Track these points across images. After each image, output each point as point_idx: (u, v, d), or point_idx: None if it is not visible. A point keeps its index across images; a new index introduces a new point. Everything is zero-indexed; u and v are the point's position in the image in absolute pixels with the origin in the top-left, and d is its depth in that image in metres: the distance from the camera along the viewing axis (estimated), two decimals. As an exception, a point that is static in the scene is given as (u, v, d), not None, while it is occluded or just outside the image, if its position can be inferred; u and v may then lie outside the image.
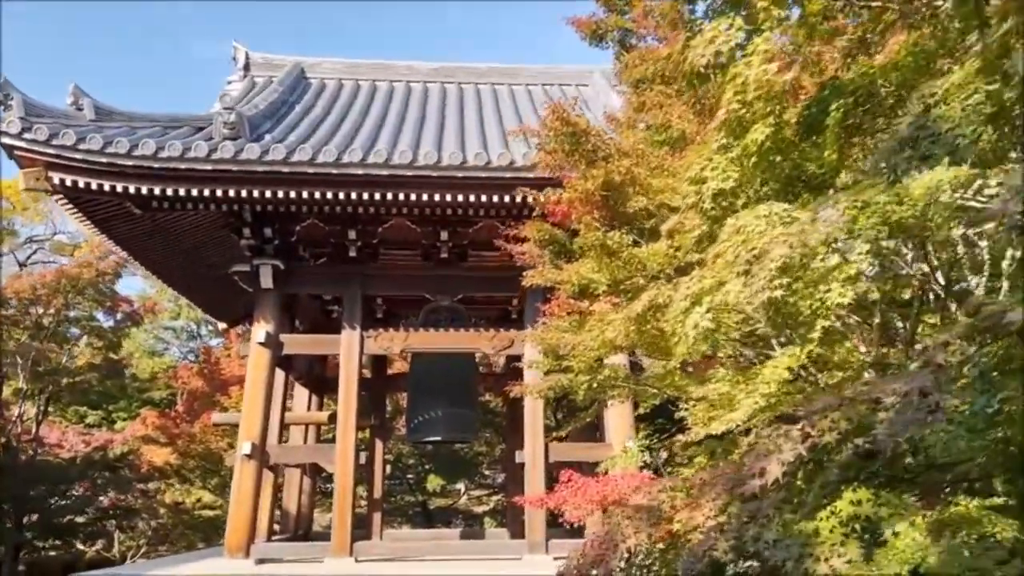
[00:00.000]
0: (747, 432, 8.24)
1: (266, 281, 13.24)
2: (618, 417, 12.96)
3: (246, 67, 16.45)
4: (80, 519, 22.18)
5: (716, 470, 4.29)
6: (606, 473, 10.21)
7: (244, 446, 12.61)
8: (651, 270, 6.83)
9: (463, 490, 30.96)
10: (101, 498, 24.69)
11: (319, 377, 17.61)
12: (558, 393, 8.39)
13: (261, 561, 12.43)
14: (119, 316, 24.72)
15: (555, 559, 12.56)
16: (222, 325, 19.90)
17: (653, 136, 6.64)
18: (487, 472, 30.60)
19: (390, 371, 20.26)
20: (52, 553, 24.98)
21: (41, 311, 20.79)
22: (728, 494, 3.56)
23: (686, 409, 7.06)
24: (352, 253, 13.61)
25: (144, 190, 11.27)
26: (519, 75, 16.89)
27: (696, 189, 4.72)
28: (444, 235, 13.47)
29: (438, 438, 15.30)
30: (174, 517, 27.17)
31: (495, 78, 16.93)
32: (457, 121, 14.54)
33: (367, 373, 18.06)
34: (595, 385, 8.15)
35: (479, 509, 30.50)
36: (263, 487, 13.67)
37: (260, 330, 13.15)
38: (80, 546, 27.35)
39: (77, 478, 20.46)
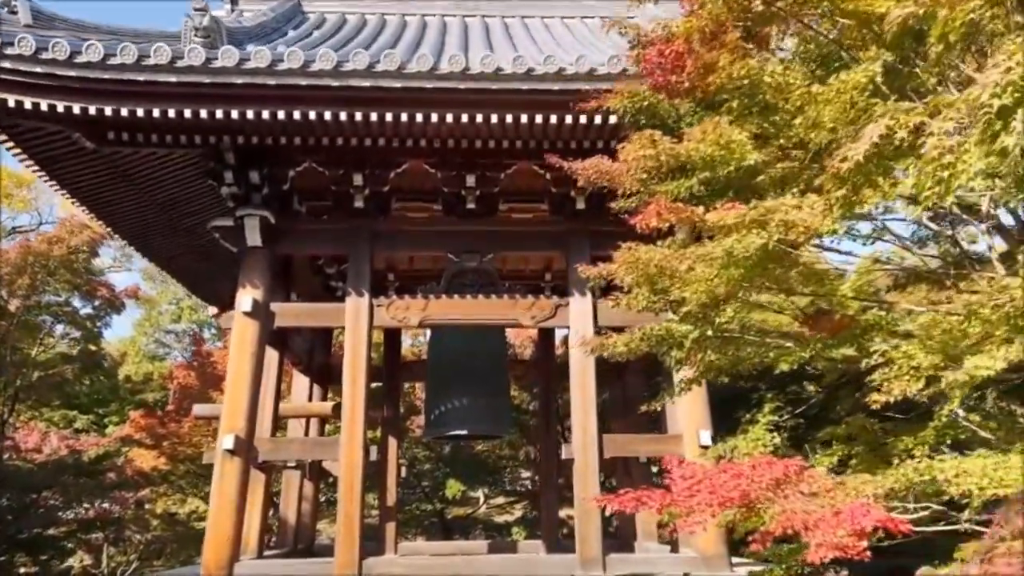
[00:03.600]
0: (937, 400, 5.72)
1: (253, 237, 10.80)
2: (691, 402, 10.44)
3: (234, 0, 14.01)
4: (54, 532, 19.60)
5: None
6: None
7: (226, 439, 10.14)
8: (821, 130, 4.30)
9: (483, 499, 28.37)
10: (87, 508, 22.34)
11: (322, 366, 15.13)
12: (653, 346, 5.86)
13: (248, 583, 9.97)
14: (97, 302, 22.20)
15: (615, 579, 10.05)
16: (212, 310, 17.35)
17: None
18: (507, 478, 28.01)
19: (404, 360, 17.82)
20: (34, 569, 22.60)
21: (5, 295, 18.33)
22: None
23: (883, 354, 4.54)
24: (359, 204, 11.15)
25: (92, 111, 8.85)
26: (555, 7, 14.39)
27: None
28: (471, 180, 10.98)
29: (463, 432, 12.76)
30: (168, 528, 24.75)
31: (525, 11, 14.44)
32: (484, 49, 12.04)
33: (377, 362, 15.58)
34: (709, 334, 5.63)
35: (500, 519, 27.88)
36: (252, 491, 11.18)
37: (246, 297, 10.69)
38: (71, 561, 25.01)
39: (45, 485, 17.92)
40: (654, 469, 14.49)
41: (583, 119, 8.97)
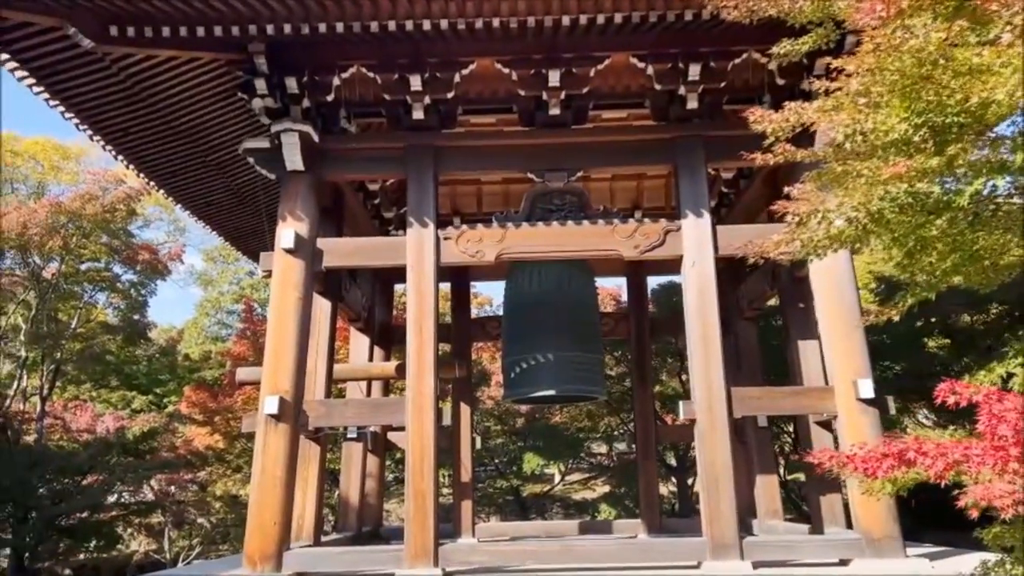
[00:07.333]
0: None
1: (293, 159, 8.91)
2: (843, 345, 8.26)
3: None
4: (103, 516, 18.22)
5: None
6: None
7: (268, 402, 8.32)
8: None
9: (558, 475, 26.38)
10: (148, 490, 21.12)
11: (384, 325, 13.30)
12: (894, 218, 3.69)
13: (301, 575, 8.17)
14: (139, 267, 20.66)
15: (755, 565, 7.94)
16: (261, 271, 15.68)
17: None
18: (584, 452, 25.92)
19: (474, 317, 15.85)
20: (96, 554, 21.55)
21: (39, 260, 16.88)
22: None
23: None
24: (418, 115, 9.16)
25: (83, -11, 7.03)
26: None
27: None
28: (554, 79, 8.86)
29: (551, 393, 10.67)
30: (231, 511, 23.50)
31: None
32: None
33: (444, 320, 13.64)
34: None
35: (579, 496, 25.87)
36: (305, 465, 9.43)
37: (287, 231, 8.85)
38: (134, 546, 24.03)
39: (87, 467, 16.47)
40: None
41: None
